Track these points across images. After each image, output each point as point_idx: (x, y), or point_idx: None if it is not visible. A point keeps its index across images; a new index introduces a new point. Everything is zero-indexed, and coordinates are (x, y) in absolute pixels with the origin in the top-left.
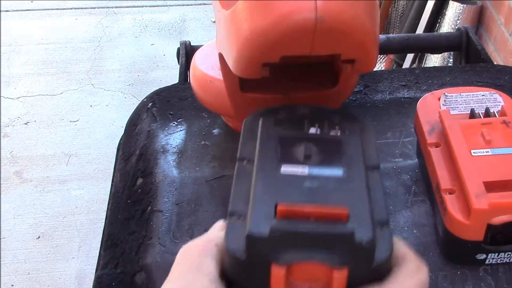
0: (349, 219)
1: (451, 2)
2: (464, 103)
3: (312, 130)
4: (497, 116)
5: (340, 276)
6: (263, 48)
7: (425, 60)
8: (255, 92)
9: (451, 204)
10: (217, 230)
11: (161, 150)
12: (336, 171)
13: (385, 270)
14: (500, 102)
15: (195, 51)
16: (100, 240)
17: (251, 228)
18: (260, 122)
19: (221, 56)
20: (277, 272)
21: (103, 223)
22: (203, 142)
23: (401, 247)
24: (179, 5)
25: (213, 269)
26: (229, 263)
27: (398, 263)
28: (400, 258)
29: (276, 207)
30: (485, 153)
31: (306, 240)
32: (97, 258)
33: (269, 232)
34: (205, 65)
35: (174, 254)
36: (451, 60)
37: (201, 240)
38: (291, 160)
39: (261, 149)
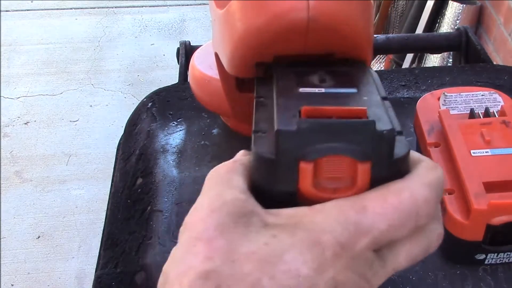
0: (368, 117)
1: (450, 2)
2: (463, 103)
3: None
4: (496, 116)
5: (364, 168)
6: (255, 47)
7: (425, 60)
8: (252, 92)
9: (451, 204)
10: (241, 155)
11: (161, 150)
12: (351, 90)
13: (404, 168)
14: (499, 102)
15: (195, 51)
16: (100, 239)
17: (279, 125)
18: (274, 67)
19: (216, 56)
20: (305, 168)
21: (103, 223)
22: (202, 142)
23: (415, 153)
24: (179, 5)
25: (242, 183)
26: (257, 168)
27: (415, 164)
28: (416, 160)
29: (300, 111)
30: (485, 153)
31: (331, 134)
32: (97, 258)
33: (296, 127)
34: (204, 65)
35: None
36: (450, 60)
37: (228, 162)
38: (308, 84)
39: (277, 83)
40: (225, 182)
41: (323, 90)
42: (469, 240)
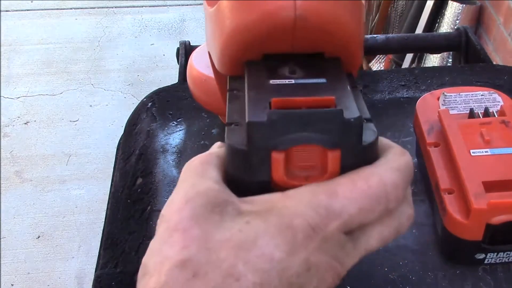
0: (337, 106)
1: (450, 2)
2: (463, 103)
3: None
4: (496, 116)
5: (334, 156)
6: (243, 45)
7: (424, 60)
8: None
9: (450, 204)
10: (217, 147)
11: (161, 149)
12: (320, 80)
13: (373, 154)
14: (499, 102)
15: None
16: (100, 239)
17: (250, 117)
18: (246, 64)
19: (210, 55)
20: (277, 158)
21: (103, 223)
22: (202, 142)
23: (384, 140)
24: (179, 5)
25: (216, 174)
26: (231, 160)
27: (384, 150)
28: (385, 146)
29: (270, 102)
30: (484, 153)
31: (300, 124)
32: (96, 258)
33: (266, 118)
34: (201, 64)
35: None
36: (450, 60)
37: (203, 154)
38: (278, 76)
39: (249, 75)
40: (199, 174)
41: (293, 81)
42: (468, 240)
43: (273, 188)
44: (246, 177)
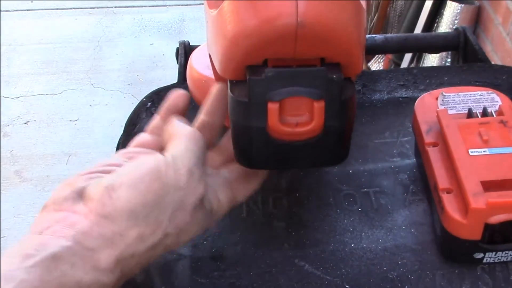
0: (322, 66)
1: (449, 2)
2: (461, 103)
3: None
4: (494, 115)
5: (319, 106)
6: (245, 50)
7: (423, 60)
8: None
9: (449, 203)
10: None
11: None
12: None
13: (351, 106)
14: (497, 101)
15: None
16: None
17: (250, 75)
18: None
19: (210, 57)
20: (272, 108)
21: None
22: None
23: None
24: (178, 5)
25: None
26: (235, 109)
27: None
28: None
29: (266, 61)
30: (483, 153)
31: (291, 79)
32: None
33: (265, 75)
34: (201, 65)
35: (174, 253)
36: (448, 60)
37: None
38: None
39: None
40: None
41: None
42: (467, 239)
43: (269, 133)
44: (248, 124)
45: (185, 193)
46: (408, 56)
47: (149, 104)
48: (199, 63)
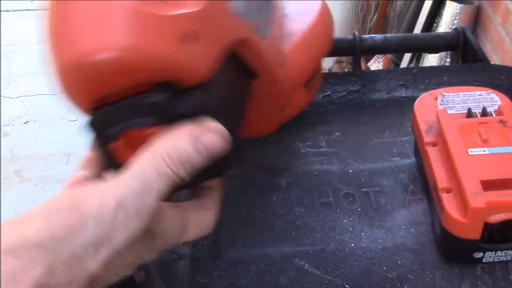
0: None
1: (448, 2)
2: (461, 103)
3: None
4: (494, 115)
5: (155, 131)
6: (74, 83)
7: (423, 60)
8: None
9: (448, 202)
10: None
11: None
12: None
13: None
14: (497, 101)
15: None
16: None
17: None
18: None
19: None
20: (116, 147)
21: None
22: None
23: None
24: None
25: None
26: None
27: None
28: None
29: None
30: (482, 152)
31: (122, 114)
32: None
33: (91, 120)
34: None
35: (174, 253)
36: (448, 60)
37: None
38: None
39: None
40: None
41: None
42: (466, 239)
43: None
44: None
45: (111, 228)
46: (407, 56)
47: None
48: None
